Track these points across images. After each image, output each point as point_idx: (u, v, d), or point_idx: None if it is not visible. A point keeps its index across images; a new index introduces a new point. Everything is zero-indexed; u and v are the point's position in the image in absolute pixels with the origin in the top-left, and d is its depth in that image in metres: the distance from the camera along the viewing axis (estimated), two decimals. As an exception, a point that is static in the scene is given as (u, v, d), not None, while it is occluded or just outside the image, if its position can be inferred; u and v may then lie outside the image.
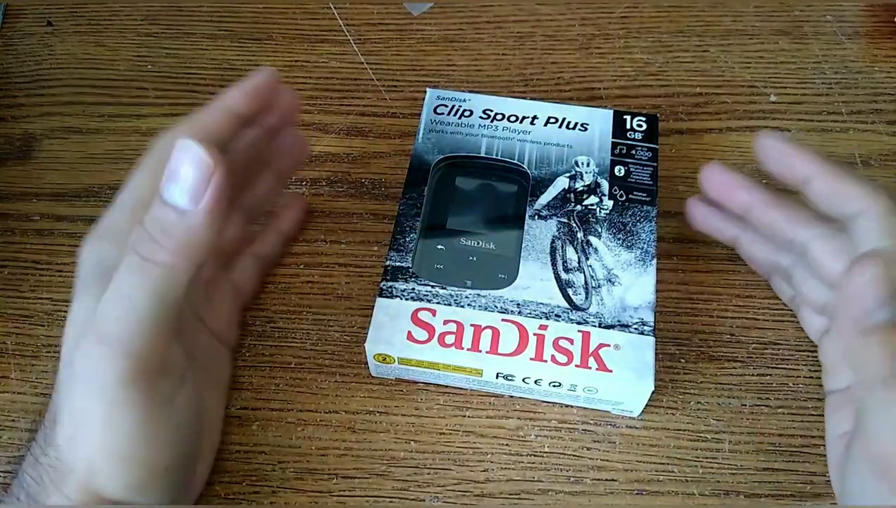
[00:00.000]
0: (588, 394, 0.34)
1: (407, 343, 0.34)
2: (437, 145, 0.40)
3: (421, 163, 0.40)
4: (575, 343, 0.34)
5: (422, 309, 0.35)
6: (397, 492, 0.34)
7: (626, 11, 0.51)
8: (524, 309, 0.35)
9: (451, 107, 0.42)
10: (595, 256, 0.37)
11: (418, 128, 0.41)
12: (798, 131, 0.45)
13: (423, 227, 0.38)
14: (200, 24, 0.50)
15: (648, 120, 0.41)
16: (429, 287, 0.36)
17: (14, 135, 0.46)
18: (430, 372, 0.35)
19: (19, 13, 0.51)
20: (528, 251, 0.37)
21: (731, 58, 0.48)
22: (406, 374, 0.36)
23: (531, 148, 0.40)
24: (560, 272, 0.36)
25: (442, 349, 0.34)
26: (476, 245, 0.37)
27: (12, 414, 0.37)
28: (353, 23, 0.50)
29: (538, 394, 0.36)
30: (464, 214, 0.39)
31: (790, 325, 0.38)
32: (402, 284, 0.36)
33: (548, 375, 0.34)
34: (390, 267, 0.36)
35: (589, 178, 0.39)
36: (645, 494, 0.34)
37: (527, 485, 0.35)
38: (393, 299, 0.35)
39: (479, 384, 0.36)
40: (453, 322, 0.35)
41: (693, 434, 0.36)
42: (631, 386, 0.33)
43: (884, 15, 0.50)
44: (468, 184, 0.40)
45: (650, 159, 0.40)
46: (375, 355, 0.35)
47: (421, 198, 0.38)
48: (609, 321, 0.35)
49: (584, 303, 0.35)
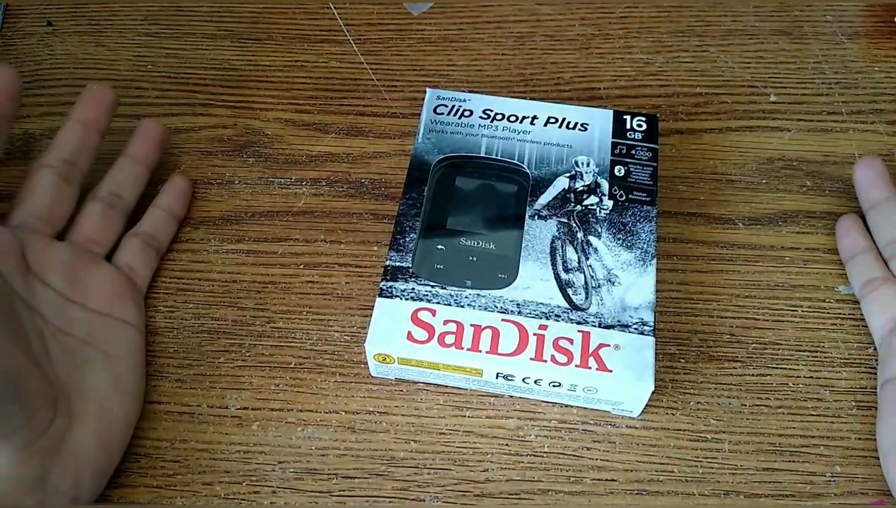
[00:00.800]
0: (588, 394, 0.34)
1: (407, 343, 0.34)
2: (437, 145, 0.40)
3: (421, 163, 0.40)
4: (575, 343, 0.34)
5: (422, 309, 0.35)
6: (397, 492, 0.34)
7: (626, 11, 0.51)
8: (524, 309, 0.35)
9: (451, 107, 0.42)
10: (595, 256, 0.37)
11: (418, 128, 0.41)
12: (798, 131, 0.45)
13: (423, 227, 0.38)
14: (200, 24, 0.50)
15: (648, 120, 0.41)
16: (429, 287, 0.36)
17: (14, 134, 0.46)
18: (430, 371, 0.35)
19: (19, 13, 0.51)
20: (528, 251, 0.37)
21: (731, 58, 0.48)
22: (406, 374, 0.36)
23: (531, 148, 0.40)
24: (560, 272, 0.36)
25: (442, 349, 0.34)
26: (476, 245, 0.37)
27: (12, 414, 0.37)
28: (353, 23, 0.50)
29: (538, 394, 0.36)
30: (464, 214, 0.39)
31: (790, 325, 0.38)
32: (402, 284, 0.36)
33: (548, 375, 0.34)
34: (390, 267, 0.36)
35: (589, 178, 0.39)
36: (645, 494, 0.34)
37: (527, 485, 0.35)
38: (393, 299, 0.35)
39: (478, 384, 0.36)
40: (453, 322, 0.35)
41: (693, 434, 0.36)
42: (631, 386, 0.33)
43: (884, 15, 0.50)
44: (468, 184, 0.40)
45: (650, 159, 0.40)
46: (375, 355, 0.35)
47: (421, 198, 0.38)
48: (609, 321, 0.35)
49: (584, 303, 0.35)
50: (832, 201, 0.42)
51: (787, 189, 0.43)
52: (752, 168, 0.44)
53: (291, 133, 0.45)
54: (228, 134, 0.45)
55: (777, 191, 0.43)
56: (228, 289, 0.40)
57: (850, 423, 0.36)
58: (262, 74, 0.48)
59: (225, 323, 0.39)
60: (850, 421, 0.36)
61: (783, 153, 0.44)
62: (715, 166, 0.44)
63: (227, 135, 0.45)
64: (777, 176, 0.43)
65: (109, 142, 0.41)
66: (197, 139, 0.45)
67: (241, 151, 0.45)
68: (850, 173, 0.43)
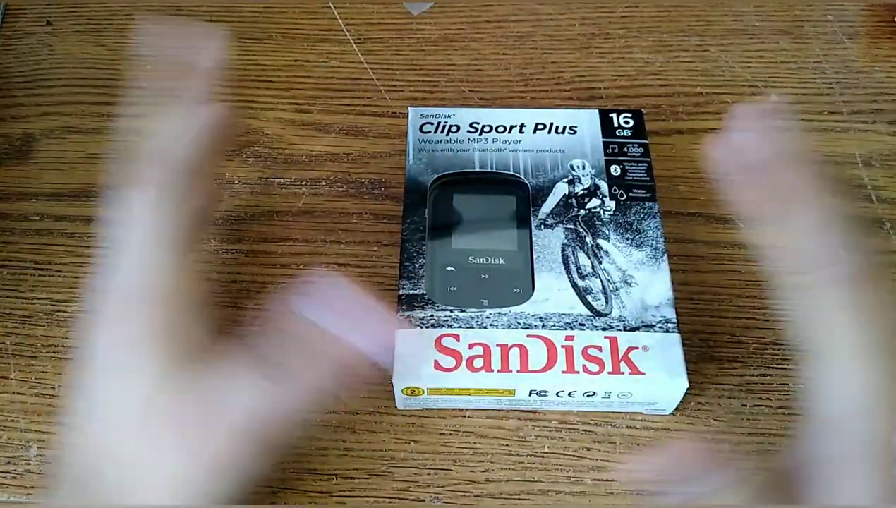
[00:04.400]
0: (622, 399, 0.34)
1: (435, 372, 0.33)
2: (429, 165, 0.40)
3: (417, 186, 0.39)
4: (604, 350, 0.34)
5: (445, 336, 0.34)
6: (397, 492, 0.34)
7: (626, 11, 0.51)
8: (547, 323, 0.34)
9: (437, 124, 0.41)
10: (607, 259, 0.36)
11: (407, 149, 0.40)
12: (798, 131, 0.45)
13: (429, 251, 0.37)
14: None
15: (634, 115, 0.41)
16: (447, 311, 0.35)
17: (13, 134, 0.46)
18: (461, 398, 0.35)
19: (19, 13, 0.51)
20: (541, 262, 0.36)
21: (732, 57, 0.48)
22: (435, 404, 0.35)
23: (524, 157, 0.40)
24: (576, 279, 0.36)
25: (472, 373, 0.33)
26: (486, 262, 0.37)
27: (12, 415, 0.37)
28: (353, 23, 0.50)
29: (571, 405, 0.35)
30: (468, 233, 0.38)
31: (790, 325, 0.38)
32: (420, 312, 0.35)
33: (582, 386, 0.33)
34: (404, 296, 0.35)
35: (587, 181, 0.39)
36: (645, 494, 0.34)
37: (527, 486, 0.35)
38: (413, 328, 0.34)
39: (511, 403, 0.35)
40: (479, 345, 0.34)
41: (693, 434, 0.36)
42: (665, 386, 0.33)
43: (884, 15, 0.49)
44: (468, 201, 0.39)
45: (643, 155, 0.39)
46: (404, 389, 0.34)
47: (423, 220, 0.38)
48: (633, 323, 0.34)
49: (606, 308, 0.35)
50: (832, 201, 0.42)
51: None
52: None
53: (291, 133, 0.45)
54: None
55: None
56: (228, 289, 0.40)
57: (851, 423, 0.36)
58: (262, 74, 0.48)
59: (225, 324, 0.39)
60: (851, 422, 0.36)
61: (784, 153, 0.44)
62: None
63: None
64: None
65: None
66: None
67: (241, 151, 0.45)
68: (850, 173, 0.43)
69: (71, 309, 0.39)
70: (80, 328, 0.35)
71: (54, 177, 0.44)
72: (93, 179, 0.44)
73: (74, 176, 0.44)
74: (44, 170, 0.44)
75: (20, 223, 0.42)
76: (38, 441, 0.36)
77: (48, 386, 0.37)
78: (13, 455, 0.35)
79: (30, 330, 0.39)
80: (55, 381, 0.37)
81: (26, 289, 0.40)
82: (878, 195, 0.43)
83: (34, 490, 0.35)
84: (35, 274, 0.41)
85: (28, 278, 0.40)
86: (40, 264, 0.41)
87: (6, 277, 0.41)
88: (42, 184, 0.44)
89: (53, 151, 0.45)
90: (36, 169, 0.44)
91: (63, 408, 0.37)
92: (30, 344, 0.38)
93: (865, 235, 0.34)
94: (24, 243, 0.42)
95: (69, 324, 0.39)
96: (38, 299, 0.40)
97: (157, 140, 0.31)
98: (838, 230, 0.29)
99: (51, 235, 0.42)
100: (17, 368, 0.38)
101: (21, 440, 0.36)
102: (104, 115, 0.46)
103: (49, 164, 0.45)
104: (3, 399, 0.37)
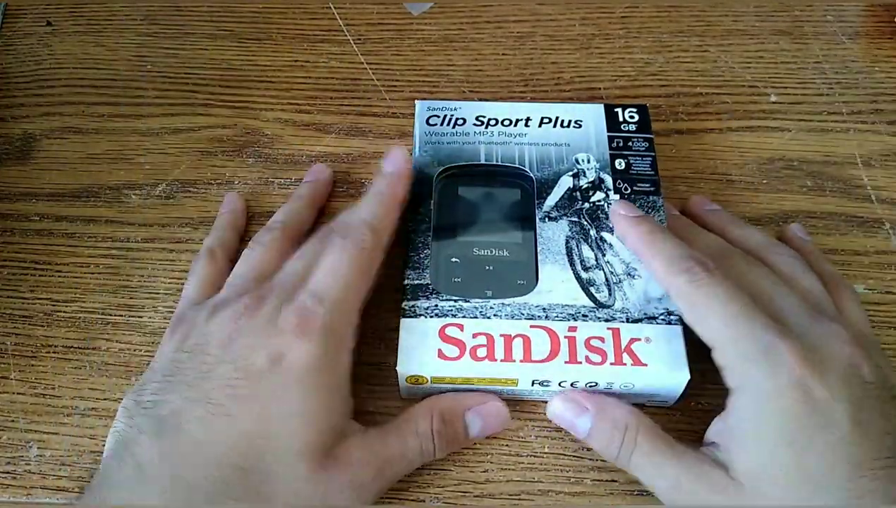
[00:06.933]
0: (624, 390, 0.34)
1: (438, 361, 0.34)
2: (435, 157, 0.40)
3: (423, 177, 0.39)
4: (606, 341, 0.34)
5: (449, 325, 0.34)
6: (397, 493, 0.34)
7: (626, 11, 0.51)
8: (550, 313, 0.35)
9: (444, 116, 0.41)
10: (611, 252, 0.37)
11: (413, 141, 0.40)
12: (798, 131, 0.45)
13: (434, 242, 0.37)
14: (200, 24, 0.50)
15: (639, 110, 0.41)
16: (452, 301, 0.35)
17: (14, 134, 0.46)
18: (464, 387, 0.35)
19: (19, 13, 0.51)
20: (545, 254, 0.37)
21: (732, 58, 0.48)
22: (438, 392, 0.35)
23: (530, 150, 0.40)
24: (579, 271, 0.36)
25: (475, 363, 0.34)
26: (491, 253, 0.37)
27: (12, 415, 0.37)
28: (353, 23, 0.50)
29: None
30: (473, 224, 0.38)
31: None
32: (425, 302, 0.35)
33: (584, 376, 0.33)
34: (410, 286, 0.36)
35: (592, 175, 0.39)
36: (645, 495, 0.34)
37: (527, 486, 0.35)
38: (417, 318, 0.35)
39: (513, 393, 0.35)
40: (483, 334, 0.34)
41: (693, 434, 0.36)
42: (667, 377, 0.33)
43: (884, 15, 0.50)
44: (473, 193, 0.39)
45: (647, 149, 0.40)
46: (408, 377, 0.34)
47: (428, 212, 0.38)
48: (636, 315, 0.35)
49: (609, 300, 0.35)
50: (833, 201, 0.42)
51: (787, 189, 0.43)
52: (753, 168, 0.44)
53: (291, 133, 0.45)
54: (228, 134, 0.45)
55: (777, 191, 0.43)
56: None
57: (851, 424, 0.36)
58: (262, 74, 0.48)
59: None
60: (851, 422, 0.36)
61: (783, 153, 0.44)
62: (715, 166, 0.44)
63: (227, 136, 0.45)
64: (777, 176, 0.43)
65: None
66: (197, 139, 0.45)
67: (240, 151, 0.45)
68: (850, 173, 0.43)
69: (71, 309, 0.39)
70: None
71: (54, 177, 0.44)
72: (93, 179, 0.44)
73: (74, 176, 0.44)
74: (44, 170, 0.44)
75: (20, 223, 0.42)
76: (38, 441, 0.36)
77: (48, 386, 0.37)
78: (13, 456, 0.35)
79: (30, 330, 0.39)
80: (55, 381, 0.37)
81: (26, 289, 0.40)
82: (878, 195, 0.43)
83: (34, 491, 0.35)
84: (35, 275, 0.41)
85: (28, 278, 0.41)
86: (40, 264, 0.41)
87: (6, 277, 0.41)
88: (42, 184, 0.44)
89: (53, 151, 0.45)
90: (36, 169, 0.44)
91: (63, 408, 0.37)
92: (30, 344, 0.38)
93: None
94: (24, 243, 0.42)
95: (69, 324, 0.39)
96: (38, 299, 0.40)
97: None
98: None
99: (51, 235, 0.42)
100: (17, 368, 0.38)
101: (21, 440, 0.36)
102: (104, 115, 0.46)
103: (49, 164, 0.45)
104: (3, 399, 0.37)
